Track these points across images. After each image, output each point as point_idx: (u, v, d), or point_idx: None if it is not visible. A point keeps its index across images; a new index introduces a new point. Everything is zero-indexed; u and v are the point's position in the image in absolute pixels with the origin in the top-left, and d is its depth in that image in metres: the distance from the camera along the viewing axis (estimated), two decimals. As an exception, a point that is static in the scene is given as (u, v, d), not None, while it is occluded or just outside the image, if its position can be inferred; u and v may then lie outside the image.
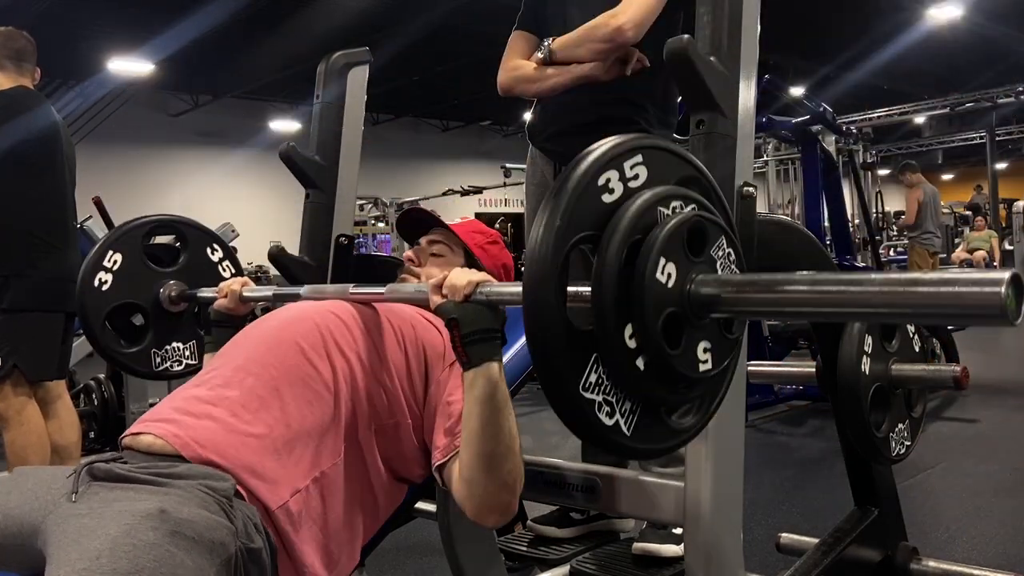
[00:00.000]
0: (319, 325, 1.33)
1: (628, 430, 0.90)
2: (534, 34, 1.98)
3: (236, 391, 1.23)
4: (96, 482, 1.10)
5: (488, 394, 1.17)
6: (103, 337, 1.79)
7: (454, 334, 1.16)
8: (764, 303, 0.89)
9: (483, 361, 1.16)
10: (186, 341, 1.89)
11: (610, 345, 0.86)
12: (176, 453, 1.15)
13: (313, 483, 1.20)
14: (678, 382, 0.91)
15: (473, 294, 1.16)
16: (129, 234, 1.86)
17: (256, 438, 1.18)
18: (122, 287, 1.81)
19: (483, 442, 1.18)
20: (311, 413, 1.23)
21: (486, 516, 1.22)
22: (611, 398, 0.88)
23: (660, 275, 0.87)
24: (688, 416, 0.98)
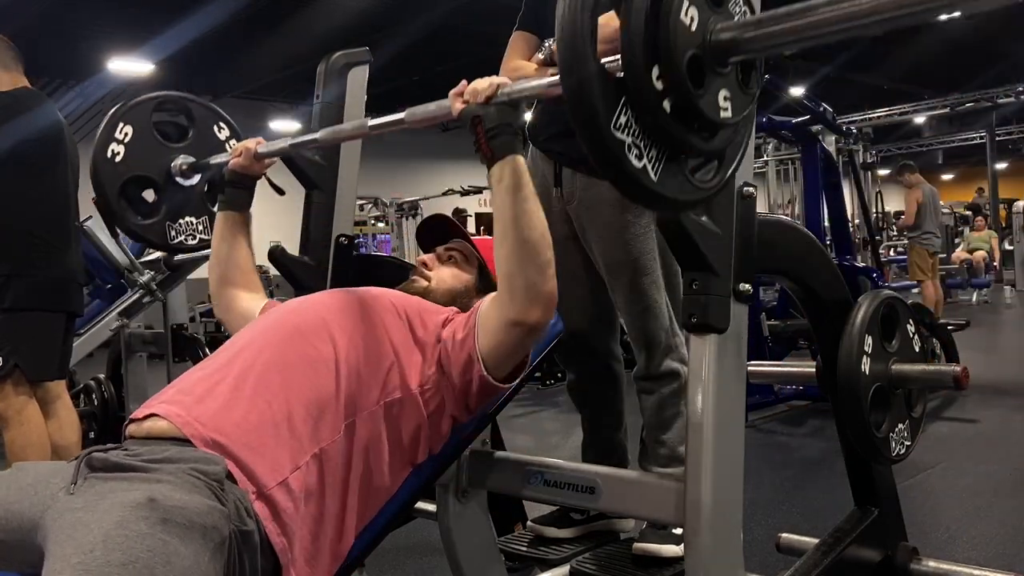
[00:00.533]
0: (318, 311, 1.37)
1: (655, 175, 0.95)
2: (535, 34, 1.98)
3: (236, 370, 1.26)
4: (93, 473, 1.11)
5: (516, 183, 1.22)
6: (119, 208, 1.83)
7: (478, 131, 1.22)
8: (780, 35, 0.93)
9: (507, 153, 1.22)
10: (198, 216, 1.93)
11: (638, 86, 0.92)
12: (178, 434, 1.16)
13: (312, 459, 1.21)
14: (701, 127, 0.96)
15: (495, 96, 1.22)
16: (138, 107, 1.89)
17: (255, 414, 1.20)
18: (134, 159, 1.84)
19: (519, 229, 1.22)
20: (311, 390, 1.25)
21: (532, 308, 1.25)
22: (639, 141, 0.94)
23: (684, 16, 0.92)
24: (708, 173, 1.05)
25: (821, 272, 1.48)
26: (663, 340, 1.84)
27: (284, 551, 1.16)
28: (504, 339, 1.29)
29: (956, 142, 18.89)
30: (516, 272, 1.24)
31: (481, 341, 1.30)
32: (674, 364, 1.84)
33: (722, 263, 1.18)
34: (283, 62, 11.24)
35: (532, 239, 1.23)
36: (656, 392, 1.86)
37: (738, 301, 1.21)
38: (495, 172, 1.23)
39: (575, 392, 2.09)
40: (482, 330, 1.31)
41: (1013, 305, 10.46)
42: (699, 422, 1.20)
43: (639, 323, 1.85)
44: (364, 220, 11.57)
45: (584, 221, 1.89)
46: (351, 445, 1.26)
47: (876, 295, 1.51)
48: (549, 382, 5.67)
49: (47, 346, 2.69)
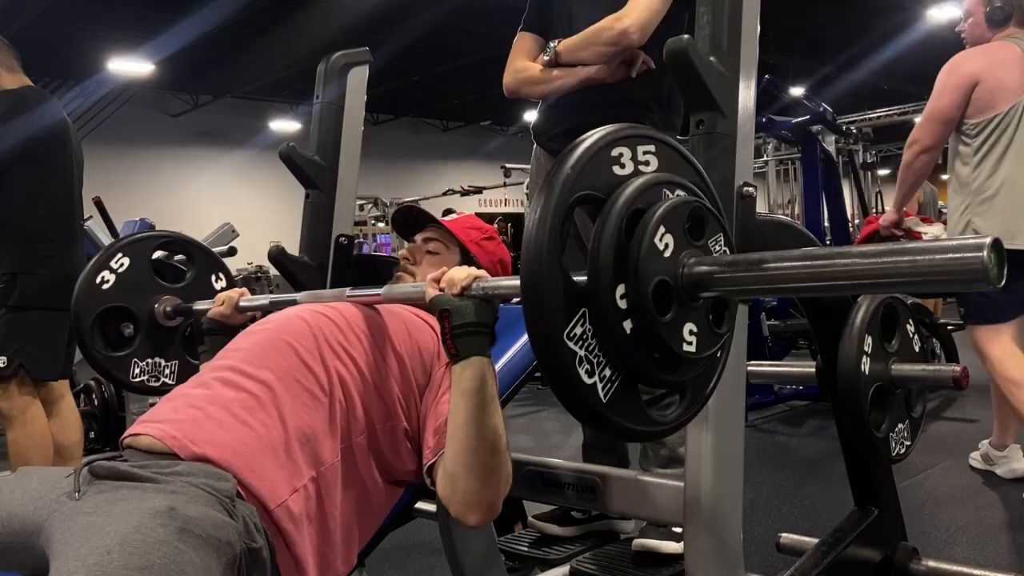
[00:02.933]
0: (313, 327, 1.34)
1: (604, 396, 0.90)
2: (540, 35, 1.99)
3: (232, 391, 1.24)
4: (99, 480, 1.10)
5: (474, 388, 1.17)
6: (90, 334, 1.80)
7: (444, 326, 1.17)
8: (754, 280, 0.91)
9: (471, 355, 1.17)
10: (169, 360, 1.89)
11: (601, 299, 0.88)
12: (172, 453, 1.15)
13: (311, 482, 1.20)
14: (661, 356, 0.92)
15: (470, 288, 1.17)
16: (142, 242, 1.88)
17: (252, 436, 1.18)
18: (122, 291, 1.82)
19: (467, 437, 1.18)
20: (307, 414, 1.23)
21: (468, 513, 1.21)
22: (593, 357, 0.89)
23: (658, 242, 0.89)
24: (667, 410, 0.99)
25: (821, 272, 1.48)
26: (663, 340, 1.84)
27: (291, 570, 1.15)
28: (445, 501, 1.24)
29: (956, 142, 18.87)
30: (459, 475, 1.20)
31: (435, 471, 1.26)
32: (673, 365, 1.84)
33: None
34: (283, 62, 11.25)
35: (481, 448, 1.18)
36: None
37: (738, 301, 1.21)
38: (455, 370, 1.19)
39: (575, 392, 2.09)
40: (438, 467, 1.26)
41: (1013, 305, 10.44)
42: (699, 422, 1.20)
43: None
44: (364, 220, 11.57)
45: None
46: (348, 467, 1.26)
47: (876, 295, 1.51)
48: (549, 382, 5.66)
49: (52, 346, 2.70)
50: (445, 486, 1.22)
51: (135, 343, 1.84)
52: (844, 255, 0.83)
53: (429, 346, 1.37)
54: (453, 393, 1.20)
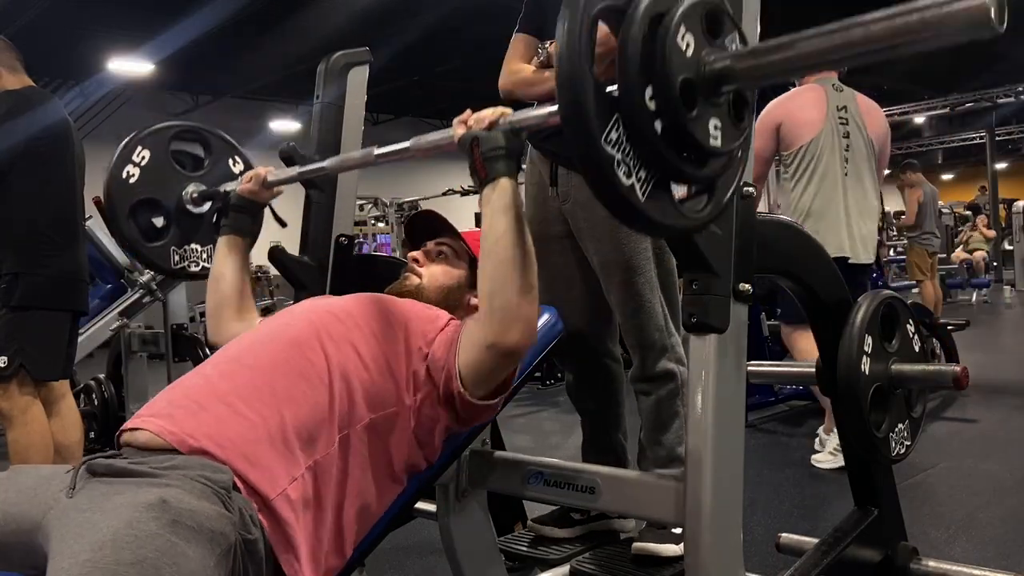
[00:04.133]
0: (313, 321, 1.35)
1: (642, 195, 0.96)
2: (535, 36, 1.99)
3: (229, 383, 1.25)
4: (95, 478, 1.10)
5: (505, 204, 1.24)
6: (127, 229, 1.85)
7: (475, 153, 1.24)
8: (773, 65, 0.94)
9: (500, 175, 1.24)
10: (204, 244, 1.95)
11: (631, 103, 0.93)
12: (169, 446, 1.16)
13: (308, 471, 1.21)
14: (690, 153, 0.98)
15: (497, 123, 1.24)
16: (157, 133, 1.92)
17: (250, 427, 1.19)
18: (148, 183, 1.87)
19: (505, 248, 1.23)
20: (305, 402, 1.24)
21: (509, 329, 1.24)
22: (629, 160, 0.95)
23: (680, 41, 0.94)
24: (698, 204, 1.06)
25: (821, 272, 1.48)
26: (658, 341, 1.84)
27: (288, 562, 1.15)
28: (481, 359, 1.28)
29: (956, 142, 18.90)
30: (496, 291, 1.24)
31: (461, 358, 1.30)
32: (670, 365, 1.84)
33: (722, 263, 1.18)
34: (283, 62, 11.26)
35: (515, 260, 1.23)
36: (653, 393, 1.86)
37: (738, 301, 1.21)
38: (486, 192, 1.25)
39: (574, 392, 2.10)
40: (463, 347, 1.30)
41: (1013, 305, 10.45)
42: (699, 422, 1.20)
43: (633, 323, 1.85)
44: (364, 220, 11.57)
45: (579, 220, 1.89)
46: (346, 457, 1.26)
47: (876, 295, 1.51)
48: (549, 382, 5.67)
49: (53, 346, 2.70)
50: (483, 312, 1.26)
51: (169, 232, 1.90)
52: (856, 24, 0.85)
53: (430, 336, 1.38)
54: (485, 213, 1.25)
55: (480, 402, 1.31)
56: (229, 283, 1.63)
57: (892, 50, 0.84)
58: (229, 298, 1.63)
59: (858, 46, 0.86)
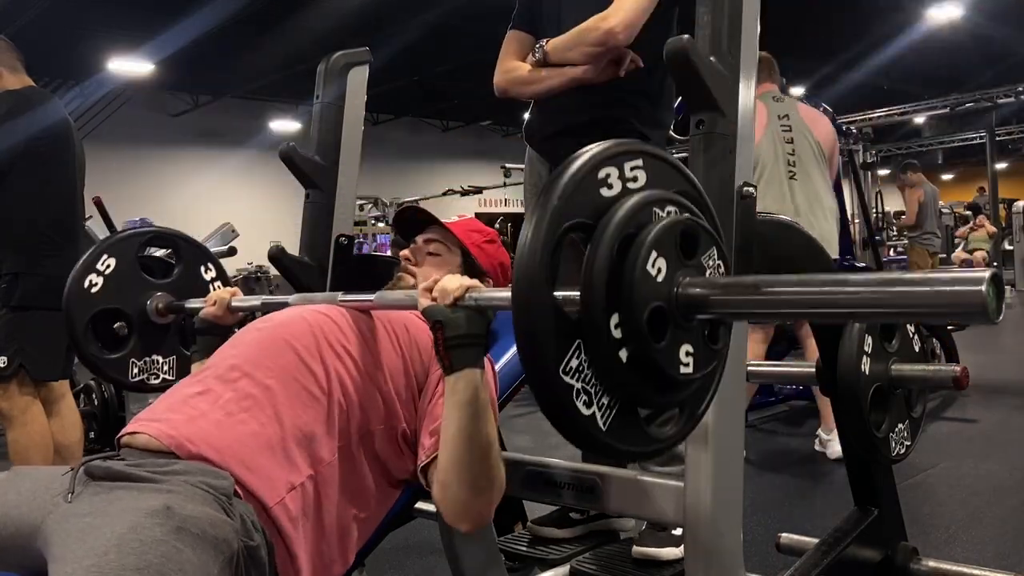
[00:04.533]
0: (312, 326, 1.34)
1: (604, 424, 0.89)
2: (529, 34, 1.98)
3: (230, 390, 1.24)
4: (95, 481, 1.10)
5: (467, 400, 1.17)
6: (84, 339, 1.77)
7: (437, 337, 1.16)
8: (750, 304, 0.90)
9: (464, 367, 1.16)
10: (167, 356, 1.87)
11: (595, 331, 0.86)
12: (169, 451, 1.15)
13: (309, 480, 1.20)
14: (659, 381, 0.91)
15: (463, 298, 1.16)
16: (126, 241, 1.86)
17: (250, 435, 1.19)
18: (111, 292, 1.80)
19: (458, 447, 1.19)
20: (304, 412, 1.23)
21: (458, 522, 1.23)
22: (590, 388, 0.88)
23: (651, 268, 0.87)
24: (667, 426, 0.98)
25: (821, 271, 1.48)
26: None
27: (286, 571, 1.15)
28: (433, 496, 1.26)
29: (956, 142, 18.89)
30: (450, 484, 1.21)
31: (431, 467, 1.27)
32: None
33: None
34: (283, 62, 11.25)
35: (472, 458, 1.19)
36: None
37: (738, 301, 1.21)
38: (449, 381, 1.18)
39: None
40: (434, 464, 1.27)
41: (1013, 305, 10.45)
42: (699, 422, 1.20)
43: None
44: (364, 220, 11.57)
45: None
46: (347, 467, 1.26)
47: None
48: (549, 382, 5.66)
49: (53, 346, 2.69)
50: (438, 492, 1.23)
51: (130, 343, 1.83)
52: (843, 283, 0.81)
53: (428, 346, 1.37)
54: (446, 404, 1.20)
55: None
56: None
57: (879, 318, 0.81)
58: None
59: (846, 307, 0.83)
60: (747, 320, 0.96)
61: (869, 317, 0.80)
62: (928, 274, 0.75)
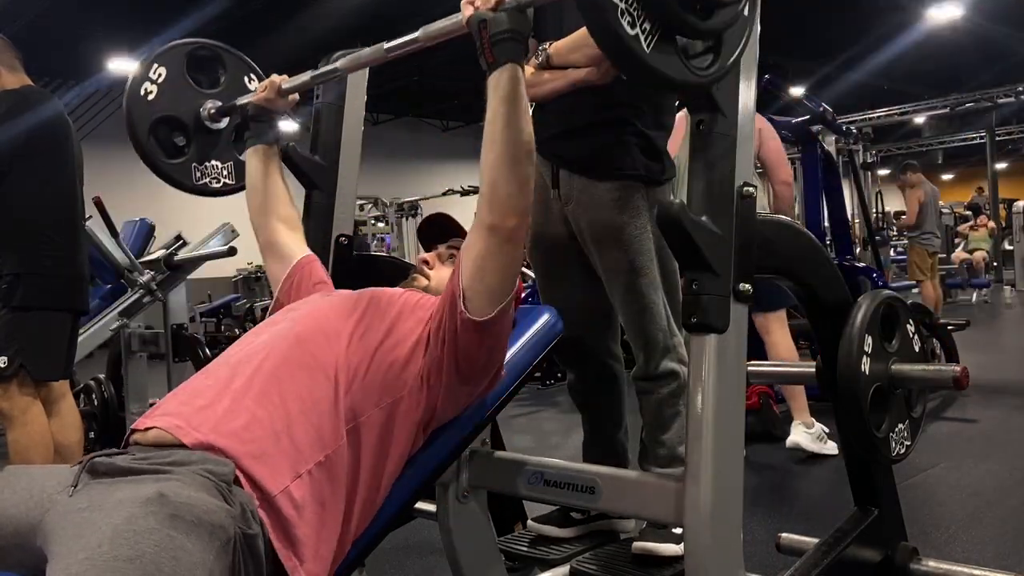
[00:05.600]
0: (316, 318, 1.37)
1: (647, 46, 0.94)
2: (532, 37, 1.98)
3: (237, 381, 1.26)
4: (97, 477, 1.11)
5: (512, 93, 1.23)
6: (148, 146, 1.86)
7: (483, 35, 1.22)
8: None
9: (508, 61, 1.23)
10: (224, 161, 1.96)
11: None
12: (177, 441, 1.16)
13: (316, 467, 1.21)
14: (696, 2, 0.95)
15: (503, 2, 1.22)
16: (174, 50, 1.93)
17: (255, 422, 1.20)
18: (166, 100, 1.88)
19: (507, 141, 1.24)
20: (310, 398, 1.25)
21: (507, 218, 1.27)
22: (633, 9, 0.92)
23: None
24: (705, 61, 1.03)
25: (821, 272, 1.48)
26: (661, 341, 1.84)
27: (288, 558, 1.16)
28: (481, 252, 1.29)
29: (956, 142, 18.89)
30: (500, 180, 1.26)
31: (464, 271, 1.31)
32: (672, 364, 1.84)
33: (722, 263, 1.18)
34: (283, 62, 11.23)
35: (520, 151, 1.25)
36: (655, 392, 1.86)
37: (738, 301, 1.21)
38: (493, 79, 1.24)
39: (575, 392, 2.09)
40: (464, 259, 1.32)
41: (1013, 305, 10.44)
42: (699, 422, 1.20)
43: (637, 324, 1.85)
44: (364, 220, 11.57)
45: (581, 222, 1.89)
46: (355, 450, 1.27)
47: (876, 295, 1.51)
48: (549, 382, 5.67)
49: (53, 346, 2.69)
50: (488, 192, 1.28)
51: (189, 150, 1.91)
52: None
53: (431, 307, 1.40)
54: (491, 101, 1.25)
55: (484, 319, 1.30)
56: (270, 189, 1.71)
57: None
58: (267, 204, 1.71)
59: None
60: None
61: None
62: None
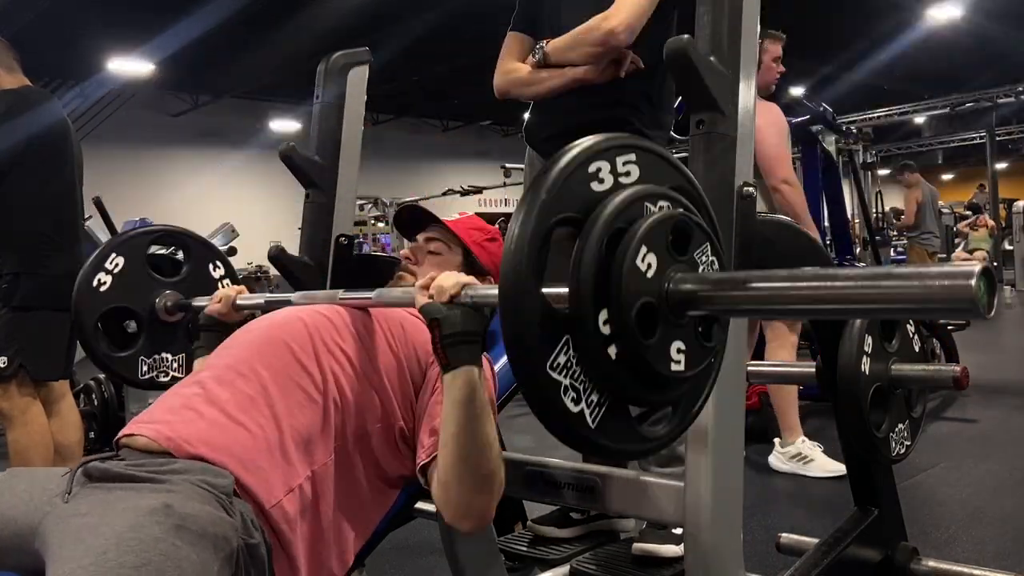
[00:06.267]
0: (308, 326, 1.34)
1: (592, 422, 0.88)
2: (529, 35, 1.98)
3: (227, 391, 1.24)
4: (93, 482, 1.10)
5: (465, 398, 1.16)
6: (94, 338, 1.78)
7: (435, 335, 1.16)
8: (741, 300, 0.88)
9: (462, 364, 1.16)
10: (176, 353, 1.88)
11: (584, 327, 0.85)
12: (168, 452, 1.15)
13: (306, 481, 1.21)
14: (649, 378, 0.89)
15: (459, 296, 1.16)
16: (134, 240, 1.87)
17: (247, 436, 1.19)
18: (120, 291, 1.81)
19: (458, 446, 1.18)
20: (301, 413, 1.24)
21: (461, 521, 1.22)
22: (579, 384, 0.87)
23: (640, 263, 0.86)
24: (659, 425, 0.97)
25: (821, 272, 1.48)
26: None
27: (282, 571, 1.15)
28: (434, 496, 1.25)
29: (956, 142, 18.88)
30: (451, 484, 1.20)
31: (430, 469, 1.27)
32: (674, 364, 1.84)
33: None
34: (283, 62, 11.25)
35: (471, 456, 1.18)
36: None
37: (738, 301, 1.21)
38: (447, 380, 1.18)
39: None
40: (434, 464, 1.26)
41: (1013, 305, 10.45)
42: (699, 422, 1.20)
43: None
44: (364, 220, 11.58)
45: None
46: (343, 467, 1.26)
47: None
48: (549, 382, 5.66)
49: (53, 346, 2.69)
50: (439, 493, 1.22)
51: (139, 341, 1.84)
52: (834, 277, 0.81)
53: (425, 344, 1.37)
54: (444, 402, 1.19)
55: None
56: None
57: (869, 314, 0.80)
58: None
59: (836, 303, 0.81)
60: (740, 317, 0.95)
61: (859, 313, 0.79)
62: (919, 268, 0.73)
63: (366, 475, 1.29)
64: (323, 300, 1.45)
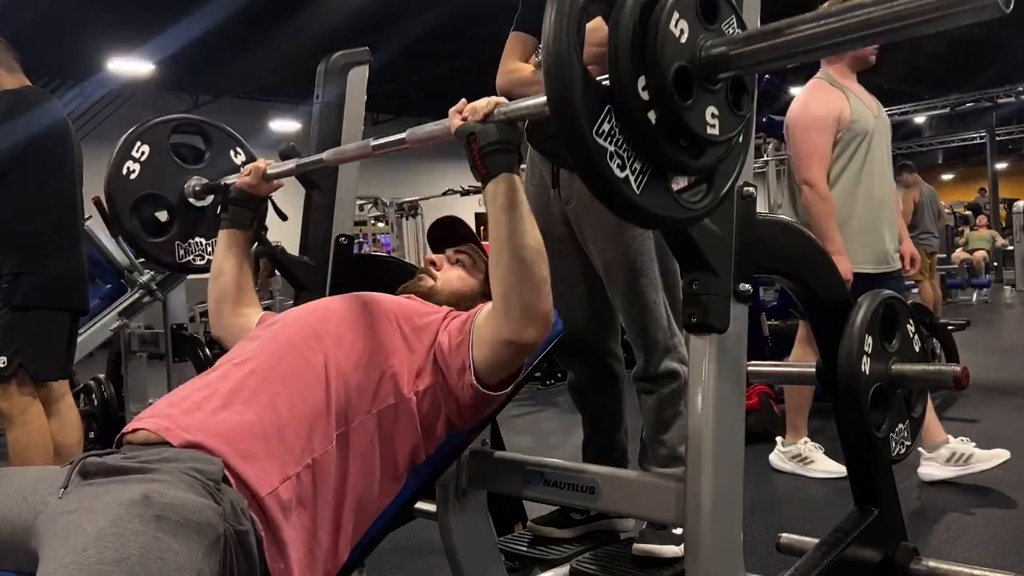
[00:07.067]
0: (311, 322, 1.37)
1: (637, 187, 0.94)
2: (532, 35, 1.98)
3: (228, 383, 1.26)
4: (87, 479, 1.10)
5: (510, 201, 1.22)
6: (130, 224, 1.85)
7: (473, 149, 1.22)
8: (771, 51, 0.92)
9: (501, 171, 1.22)
10: (209, 237, 1.94)
11: (624, 94, 0.90)
12: (163, 441, 1.16)
13: (305, 470, 1.21)
14: (687, 142, 0.95)
15: (492, 113, 1.22)
16: (156, 128, 1.92)
17: (245, 424, 1.20)
18: (149, 178, 1.87)
19: (514, 248, 1.22)
20: (301, 402, 1.25)
21: (527, 327, 1.25)
22: (622, 152, 0.93)
23: (673, 28, 0.91)
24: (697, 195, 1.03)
25: (821, 271, 1.48)
26: (661, 341, 1.84)
27: (274, 560, 1.15)
28: (498, 354, 1.29)
29: (956, 142, 18.91)
30: (511, 291, 1.24)
31: (475, 352, 1.30)
32: (673, 364, 1.84)
33: (722, 263, 1.18)
34: (283, 62, 11.25)
35: (527, 257, 1.23)
36: (655, 392, 1.86)
37: (738, 301, 1.21)
38: (489, 190, 1.24)
39: (575, 392, 2.09)
40: (477, 343, 1.31)
41: (1013, 305, 10.45)
42: (699, 422, 1.20)
43: (637, 324, 1.85)
44: (364, 220, 11.57)
45: (582, 222, 1.89)
46: (344, 455, 1.26)
47: (876, 295, 1.51)
48: (549, 382, 5.66)
49: (53, 346, 2.70)
50: (500, 306, 1.25)
51: (173, 227, 1.90)
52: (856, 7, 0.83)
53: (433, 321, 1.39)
54: (490, 212, 1.24)
55: (492, 392, 1.33)
56: (229, 277, 1.65)
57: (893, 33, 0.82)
58: (229, 292, 1.64)
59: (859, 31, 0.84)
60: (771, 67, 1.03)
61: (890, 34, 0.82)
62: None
63: (369, 462, 1.29)
64: (354, 151, 1.52)
